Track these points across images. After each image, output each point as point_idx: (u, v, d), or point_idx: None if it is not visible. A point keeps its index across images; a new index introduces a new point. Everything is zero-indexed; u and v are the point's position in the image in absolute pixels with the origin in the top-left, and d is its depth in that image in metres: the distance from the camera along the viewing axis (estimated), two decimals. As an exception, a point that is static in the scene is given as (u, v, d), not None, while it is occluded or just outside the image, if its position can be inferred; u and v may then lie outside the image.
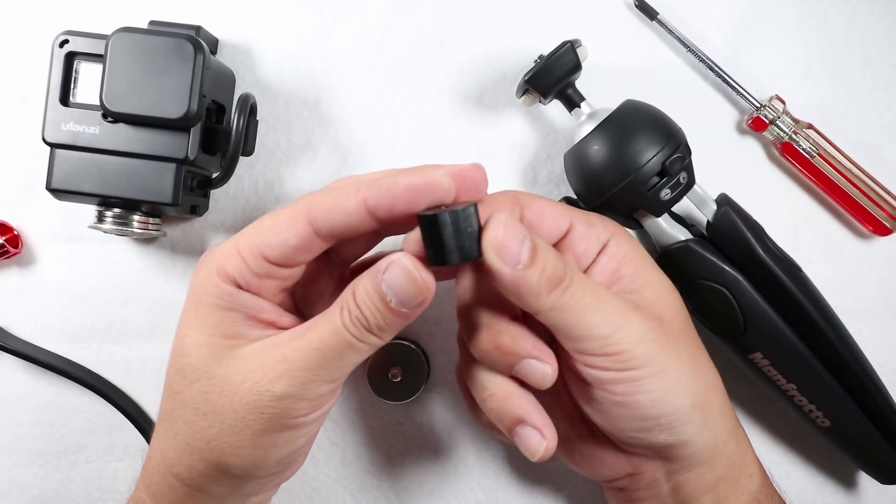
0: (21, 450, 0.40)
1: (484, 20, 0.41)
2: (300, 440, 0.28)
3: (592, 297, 0.27)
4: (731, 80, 0.40)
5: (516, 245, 0.25)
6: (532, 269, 0.25)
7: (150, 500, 0.30)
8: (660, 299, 0.31)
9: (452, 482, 0.41)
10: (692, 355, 0.30)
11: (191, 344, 0.28)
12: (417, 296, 0.25)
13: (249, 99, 0.36)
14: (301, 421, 0.27)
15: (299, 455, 0.31)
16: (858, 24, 0.41)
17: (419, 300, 0.25)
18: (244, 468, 0.28)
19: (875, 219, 0.40)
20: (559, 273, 0.26)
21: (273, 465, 0.28)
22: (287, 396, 0.26)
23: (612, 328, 0.27)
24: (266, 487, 0.31)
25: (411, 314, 0.26)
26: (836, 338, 0.35)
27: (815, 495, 0.41)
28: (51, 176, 0.35)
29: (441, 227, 0.24)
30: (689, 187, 0.36)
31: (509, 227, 0.25)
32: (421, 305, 0.26)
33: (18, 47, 0.40)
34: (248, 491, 0.30)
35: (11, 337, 0.40)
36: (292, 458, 0.30)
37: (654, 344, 0.28)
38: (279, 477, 0.31)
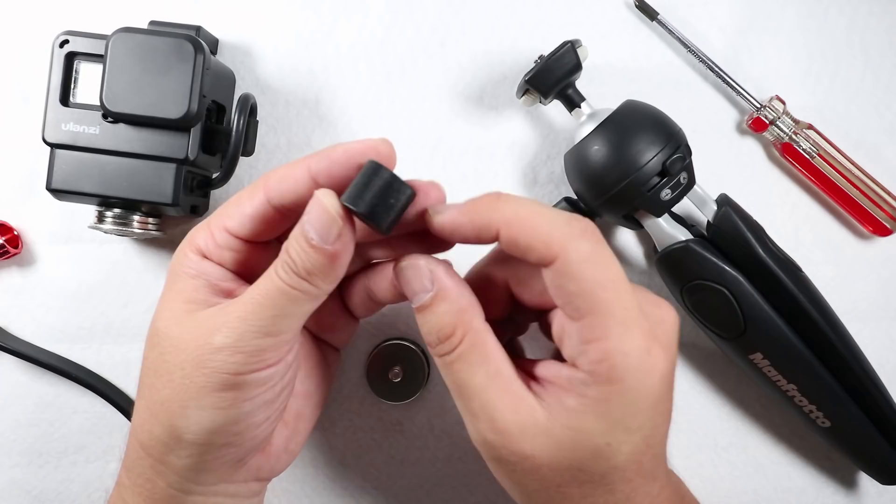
0: (21, 450, 0.40)
1: (484, 20, 0.41)
2: (245, 405, 0.27)
3: (484, 376, 0.26)
4: (731, 80, 0.40)
5: (417, 286, 0.27)
6: (421, 315, 0.27)
7: (125, 474, 0.30)
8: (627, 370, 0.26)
9: (452, 483, 0.41)
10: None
11: (158, 310, 0.29)
12: (332, 226, 0.25)
13: (249, 99, 0.36)
14: (243, 380, 0.26)
15: (254, 429, 0.28)
16: (858, 25, 0.41)
17: (335, 232, 0.25)
18: (192, 431, 0.27)
19: (875, 219, 0.40)
20: (446, 332, 0.26)
21: (221, 431, 0.27)
22: (225, 347, 0.26)
23: (498, 413, 0.26)
24: (229, 469, 0.29)
25: (334, 253, 0.25)
26: (836, 338, 0.35)
27: (816, 496, 0.41)
28: (51, 176, 0.35)
29: (374, 175, 0.25)
30: (689, 187, 0.36)
31: (420, 268, 0.27)
32: (339, 240, 0.25)
33: (18, 47, 0.40)
34: (208, 466, 0.28)
35: (11, 337, 0.40)
36: (242, 428, 0.27)
37: (548, 438, 0.25)
38: (241, 458, 0.29)
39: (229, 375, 0.26)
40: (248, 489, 0.30)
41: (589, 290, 0.24)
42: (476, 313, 0.27)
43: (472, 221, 0.26)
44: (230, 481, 0.29)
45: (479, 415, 0.26)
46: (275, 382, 0.28)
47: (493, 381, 0.26)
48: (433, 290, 0.26)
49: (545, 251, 0.24)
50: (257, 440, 0.29)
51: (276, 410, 0.29)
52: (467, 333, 0.26)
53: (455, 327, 0.26)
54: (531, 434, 0.25)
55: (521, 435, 0.25)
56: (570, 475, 0.25)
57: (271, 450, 0.30)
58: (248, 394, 0.27)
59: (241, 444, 0.28)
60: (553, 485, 0.26)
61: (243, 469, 0.29)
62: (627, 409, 0.25)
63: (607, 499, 0.26)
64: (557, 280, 0.25)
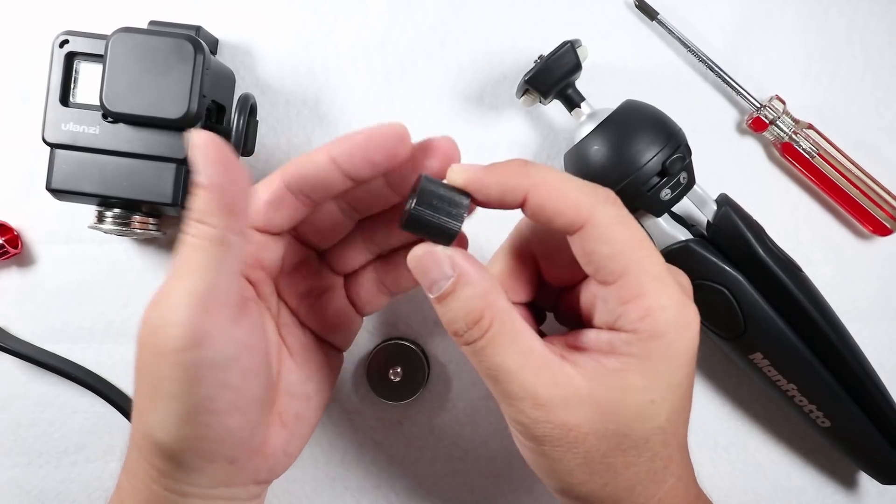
0: (21, 450, 0.40)
1: (484, 20, 0.41)
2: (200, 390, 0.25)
3: (518, 356, 0.25)
4: (731, 80, 0.40)
5: (436, 274, 0.26)
6: (443, 303, 0.26)
7: (124, 477, 0.29)
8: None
9: (452, 482, 0.41)
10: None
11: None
12: (204, 160, 0.24)
13: (249, 99, 0.36)
14: (186, 359, 0.24)
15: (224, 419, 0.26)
16: (858, 24, 0.41)
17: (209, 166, 0.24)
18: (160, 426, 0.25)
19: (875, 219, 0.40)
20: (474, 316, 0.26)
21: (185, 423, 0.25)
22: (160, 327, 0.24)
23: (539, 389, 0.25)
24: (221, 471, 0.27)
25: (212, 185, 0.24)
26: (836, 338, 0.35)
27: (816, 496, 0.41)
28: (51, 176, 0.35)
29: (431, 193, 0.26)
30: (689, 187, 0.36)
31: (436, 254, 0.26)
32: (221, 169, 0.24)
33: (18, 47, 0.40)
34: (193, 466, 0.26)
35: (11, 337, 0.40)
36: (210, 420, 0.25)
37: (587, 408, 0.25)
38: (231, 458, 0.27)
39: (175, 354, 0.24)
40: (248, 492, 0.29)
41: (621, 251, 0.25)
42: (500, 294, 0.26)
43: (499, 183, 0.26)
44: (227, 484, 0.28)
45: (518, 394, 0.25)
46: (229, 363, 0.25)
47: (528, 358, 0.25)
48: (454, 276, 0.26)
49: (575, 216, 0.25)
50: (237, 435, 0.27)
51: (247, 401, 0.26)
52: (495, 315, 0.25)
53: (483, 310, 0.25)
54: (574, 403, 0.25)
55: (564, 406, 0.25)
56: (616, 442, 0.25)
57: (268, 452, 0.29)
58: (200, 376, 0.25)
59: (218, 439, 0.26)
60: (597, 456, 0.25)
61: (239, 471, 0.28)
62: (670, 364, 0.25)
63: (649, 466, 0.26)
64: (589, 245, 0.25)
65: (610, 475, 0.26)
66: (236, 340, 0.25)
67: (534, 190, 0.25)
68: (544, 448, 0.26)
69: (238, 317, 0.26)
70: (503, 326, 0.25)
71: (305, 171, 0.27)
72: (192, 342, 0.24)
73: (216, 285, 0.25)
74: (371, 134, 0.26)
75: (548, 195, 0.25)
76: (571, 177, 0.26)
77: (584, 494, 0.26)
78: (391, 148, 0.26)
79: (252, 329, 0.27)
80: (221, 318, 0.25)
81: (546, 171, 0.26)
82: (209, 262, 0.25)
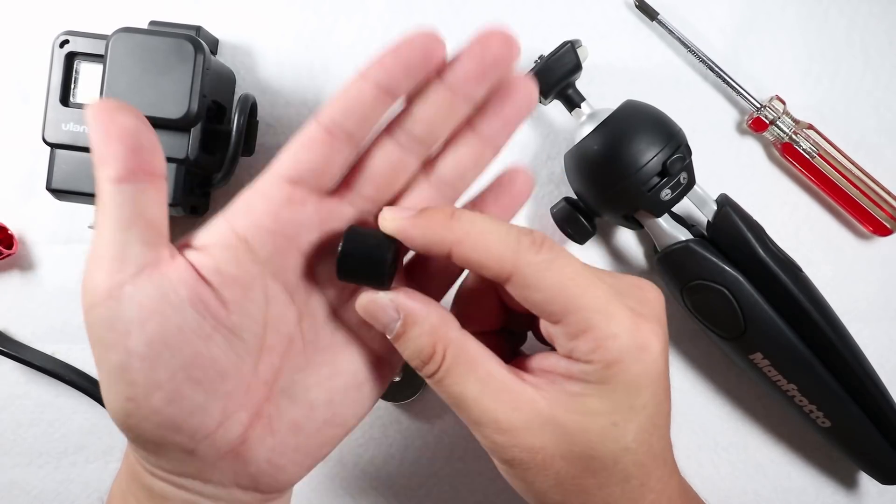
0: (21, 450, 0.40)
1: (484, 20, 0.41)
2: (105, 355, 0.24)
3: (476, 383, 0.26)
4: (731, 80, 0.40)
5: (384, 318, 0.26)
6: (398, 344, 0.26)
7: (123, 461, 0.29)
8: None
9: (452, 482, 0.41)
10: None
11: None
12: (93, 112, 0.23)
13: (249, 99, 0.36)
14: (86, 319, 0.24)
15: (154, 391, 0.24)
16: (858, 25, 0.41)
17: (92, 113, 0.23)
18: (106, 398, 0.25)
19: (875, 219, 0.40)
20: (427, 352, 0.26)
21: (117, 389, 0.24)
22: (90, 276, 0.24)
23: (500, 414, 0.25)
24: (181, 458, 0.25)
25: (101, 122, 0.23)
26: (836, 338, 0.35)
27: (816, 496, 0.41)
28: (51, 176, 0.35)
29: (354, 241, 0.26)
30: (689, 187, 0.36)
31: (378, 301, 0.26)
32: (92, 122, 0.23)
33: (18, 47, 0.40)
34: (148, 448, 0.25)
35: (10, 341, 0.40)
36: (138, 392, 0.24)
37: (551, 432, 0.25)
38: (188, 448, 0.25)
39: (85, 314, 0.24)
40: (231, 496, 0.27)
41: (554, 294, 0.24)
42: (451, 325, 0.26)
43: (423, 236, 0.25)
44: (199, 478, 0.26)
45: (481, 420, 0.26)
46: (126, 327, 0.23)
47: (487, 385, 0.25)
48: (400, 318, 0.26)
49: (499, 269, 0.25)
50: (163, 416, 0.24)
51: (167, 376, 0.24)
52: (448, 347, 0.26)
53: (434, 345, 0.26)
54: (537, 427, 0.25)
55: (526, 430, 0.25)
56: (583, 464, 0.25)
57: (247, 456, 0.26)
58: (101, 339, 0.24)
59: (144, 416, 0.24)
60: (568, 478, 0.26)
61: (206, 467, 0.26)
62: (630, 388, 0.25)
63: (623, 487, 0.26)
64: (522, 293, 0.25)
65: (585, 496, 0.26)
66: (134, 301, 0.23)
67: (457, 244, 0.25)
68: (516, 471, 0.26)
69: (139, 276, 0.24)
70: (457, 356, 0.26)
71: (340, 103, 0.25)
72: (90, 301, 0.24)
73: (107, 240, 0.24)
74: (401, 40, 0.25)
75: (471, 249, 0.25)
76: (496, 226, 0.25)
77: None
78: (424, 47, 0.25)
79: (161, 292, 0.24)
80: (117, 275, 0.23)
81: (471, 222, 0.25)
82: (99, 217, 0.24)
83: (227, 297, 0.25)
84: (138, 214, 0.24)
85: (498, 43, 0.25)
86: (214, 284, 0.25)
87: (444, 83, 0.26)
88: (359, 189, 0.27)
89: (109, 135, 0.23)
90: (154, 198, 0.24)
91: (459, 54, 0.26)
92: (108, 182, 0.23)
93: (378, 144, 0.27)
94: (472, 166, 0.28)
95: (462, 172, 0.28)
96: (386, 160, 0.27)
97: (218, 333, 0.25)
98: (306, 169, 0.26)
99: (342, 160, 0.26)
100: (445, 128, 0.27)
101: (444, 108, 0.26)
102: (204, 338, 0.25)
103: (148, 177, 0.24)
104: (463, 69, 0.26)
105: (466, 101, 0.26)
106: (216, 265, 0.25)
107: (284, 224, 0.26)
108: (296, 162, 0.26)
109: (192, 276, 0.25)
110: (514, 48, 0.26)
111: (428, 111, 0.26)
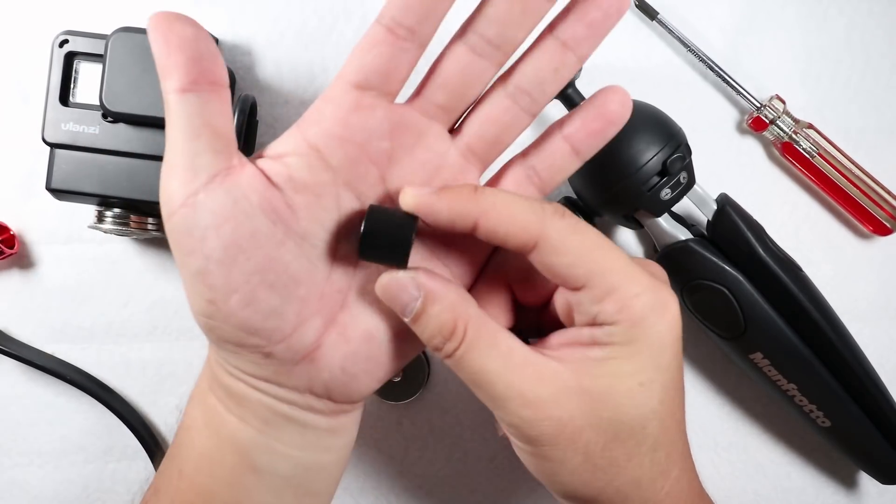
0: (21, 450, 0.40)
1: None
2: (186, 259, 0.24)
3: (499, 358, 0.25)
4: (731, 80, 0.40)
5: (405, 297, 0.26)
6: (417, 324, 0.26)
7: (205, 364, 0.29)
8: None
9: (452, 482, 0.41)
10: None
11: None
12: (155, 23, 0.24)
13: (249, 99, 0.36)
14: (167, 226, 0.24)
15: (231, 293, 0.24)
16: (858, 24, 0.41)
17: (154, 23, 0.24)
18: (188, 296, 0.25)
19: (875, 219, 0.40)
20: (448, 328, 0.26)
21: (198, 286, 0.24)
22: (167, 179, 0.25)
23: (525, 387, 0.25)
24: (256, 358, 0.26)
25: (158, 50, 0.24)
26: (836, 338, 0.35)
27: (816, 496, 0.41)
28: (51, 176, 0.35)
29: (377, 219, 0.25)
30: (689, 187, 0.36)
31: (400, 279, 0.26)
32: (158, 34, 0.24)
33: (18, 47, 0.40)
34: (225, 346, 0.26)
35: (10, 340, 0.40)
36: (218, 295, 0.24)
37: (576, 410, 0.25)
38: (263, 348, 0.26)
39: (164, 222, 0.25)
40: (305, 401, 0.27)
41: (580, 257, 0.25)
42: (470, 303, 0.26)
43: (449, 209, 0.25)
44: (276, 382, 0.27)
45: (505, 395, 0.25)
46: (202, 233, 0.24)
47: (509, 359, 0.25)
48: (421, 296, 0.26)
49: (526, 236, 0.25)
50: (239, 317, 0.25)
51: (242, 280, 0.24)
52: (469, 323, 0.26)
53: (455, 321, 0.25)
54: (564, 398, 0.25)
55: (554, 402, 0.25)
56: (613, 432, 0.25)
57: (321, 362, 0.27)
58: (181, 244, 0.24)
59: (222, 317, 0.25)
60: (597, 450, 0.25)
61: (283, 370, 0.26)
62: (654, 347, 0.25)
63: (652, 457, 0.26)
64: (547, 259, 0.25)
65: (614, 470, 0.26)
66: (207, 209, 0.24)
67: (483, 216, 0.25)
68: (543, 449, 0.25)
69: (211, 184, 0.24)
70: (479, 332, 0.26)
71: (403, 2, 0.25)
72: (168, 210, 0.24)
73: (178, 150, 0.24)
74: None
75: (497, 221, 0.25)
76: (519, 198, 0.25)
77: (591, 496, 0.26)
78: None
79: (232, 199, 0.24)
80: (190, 184, 0.24)
81: (494, 195, 0.25)
82: (169, 128, 0.24)
83: (298, 203, 0.25)
84: (205, 123, 0.24)
85: None
86: (286, 191, 0.25)
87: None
88: (430, 96, 0.27)
89: (170, 45, 0.23)
90: (218, 107, 0.24)
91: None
92: (172, 93, 0.24)
93: (450, 48, 0.27)
94: (552, 75, 0.27)
95: (541, 81, 0.27)
96: (457, 65, 0.26)
97: (290, 239, 0.25)
98: (372, 71, 0.25)
99: (408, 60, 0.26)
100: (521, 30, 0.26)
101: (518, 7, 0.25)
102: (276, 243, 0.25)
103: (210, 86, 0.24)
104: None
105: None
106: (288, 173, 0.25)
107: (355, 131, 0.26)
108: (360, 66, 0.25)
109: (263, 183, 0.25)
110: None
111: (501, 9, 0.25)
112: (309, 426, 0.28)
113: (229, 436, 0.28)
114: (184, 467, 0.29)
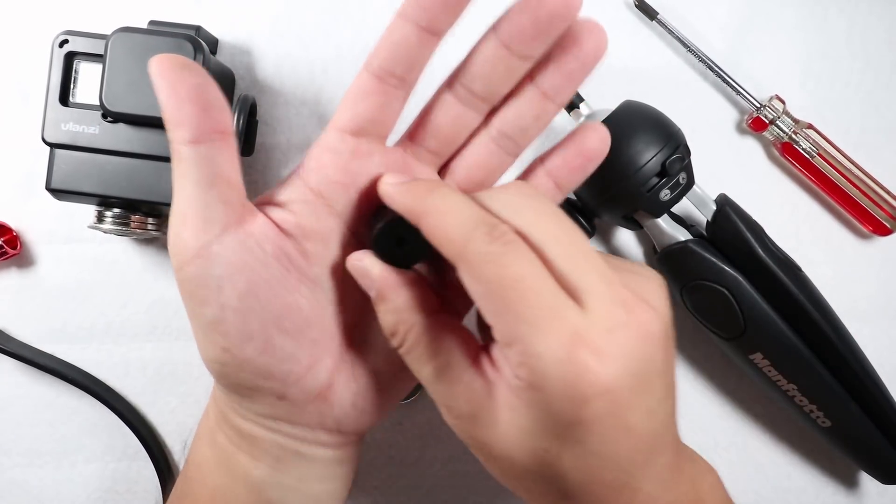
0: (21, 450, 0.40)
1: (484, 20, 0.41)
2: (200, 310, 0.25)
3: (431, 370, 0.25)
4: (731, 80, 0.40)
5: (364, 282, 0.26)
6: (376, 310, 0.26)
7: (210, 402, 0.30)
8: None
9: (452, 482, 0.41)
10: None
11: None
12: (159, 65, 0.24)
13: (249, 99, 0.36)
14: (178, 277, 0.24)
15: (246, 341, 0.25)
16: (858, 24, 0.41)
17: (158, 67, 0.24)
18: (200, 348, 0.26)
19: (875, 219, 0.40)
20: (389, 330, 0.26)
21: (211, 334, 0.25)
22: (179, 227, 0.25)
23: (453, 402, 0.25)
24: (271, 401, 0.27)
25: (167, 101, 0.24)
26: (836, 338, 0.35)
27: (816, 495, 0.41)
28: (50, 176, 0.35)
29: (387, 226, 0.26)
30: (688, 188, 0.36)
31: (358, 264, 0.26)
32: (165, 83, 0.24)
33: (18, 47, 0.40)
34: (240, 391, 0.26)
35: (10, 339, 0.40)
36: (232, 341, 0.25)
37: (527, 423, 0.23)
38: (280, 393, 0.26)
39: (176, 273, 0.25)
40: (316, 437, 0.28)
41: (490, 291, 0.22)
42: (420, 308, 0.25)
43: (402, 204, 0.25)
44: (288, 421, 0.27)
45: (435, 400, 0.26)
46: (218, 283, 0.24)
47: (442, 374, 0.25)
48: (374, 289, 0.26)
49: (449, 250, 0.23)
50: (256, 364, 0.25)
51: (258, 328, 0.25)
52: (409, 331, 0.25)
53: (396, 325, 0.26)
54: (485, 423, 0.24)
55: (475, 425, 0.24)
56: (544, 484, 0.24)
57: (332, 397, 0.27)
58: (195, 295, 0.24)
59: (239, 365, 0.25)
60: (536, 495, 0.25)
61: (296, 410, 0.27)
62: (556, 418, 0.22)
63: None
64: (464, 281, 0.23)
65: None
66: (222, 259, 0.24)
67: (423, 218, 0.24)
68: (485, 464, 0.26)
69: (224, 235, 0.24)
70: (418, 341, 0.25)
71: (384, 47, 0.26)
72: (180, 260, 0.24)
73: (190, 201, 0.24)
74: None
75: (431, 225, 0.24)
76: (463, 207, 0.24)
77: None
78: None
79: (246, 248, 0.25)
80: (203, 235, 0.24)
81: (441, 198, 0.24)
82: (179, 179, 0.24)
83: (309, 249, 0.27)
84: (216, 174, 0.24)
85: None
86: (296, 238, 0.26)
87: (498, 39, 0.26)
88: (422, 142, 0.28)
89: (179, 95, 0.23)
90: (228, 156, 0.24)
91: (513, 6, 0.25)
92: (183, 144, 0.24)
93: (439, 99, 0.28)
94: (533, 122, 0.28)
95: (523, 128, 0.28)
96: (447, 116, 0.28)
97: (303, 285, 0.26)
98: (365, 119, 0.26)
99: (398, 105, 0.27)
100: (505, 84, 0.27)
101: (501, 66, 0.26)
102: (290, 289, 0.26)
103: (220, 135, 0.24)
104: (517, 26, 0.25)
105: (523, 59, 0.26)
106: (296, 220, 0.26)
107: (355, 176, 0.27)
108: (354, 114, 0.26)
109: (274, 232, 0.26)
110: (574, 2, 0.25)
111: (485, 68, 0.26)
112: (318, 460, 0.29)
113: (243, 474, 0.28)
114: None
